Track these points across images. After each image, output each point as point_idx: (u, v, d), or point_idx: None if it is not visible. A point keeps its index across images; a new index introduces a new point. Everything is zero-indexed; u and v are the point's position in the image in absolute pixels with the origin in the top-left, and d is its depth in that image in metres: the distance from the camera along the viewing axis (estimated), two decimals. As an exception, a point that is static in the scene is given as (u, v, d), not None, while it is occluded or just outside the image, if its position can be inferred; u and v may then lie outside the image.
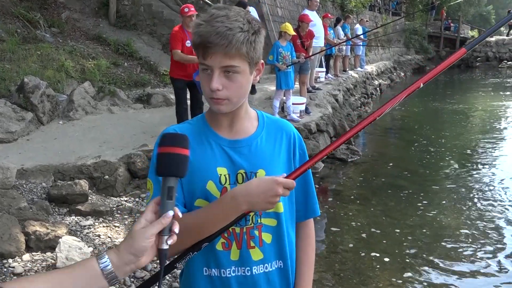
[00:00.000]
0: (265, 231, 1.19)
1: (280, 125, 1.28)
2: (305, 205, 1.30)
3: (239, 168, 1.17)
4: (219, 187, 1.15)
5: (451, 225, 4.74)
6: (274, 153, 1.22)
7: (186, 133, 1.16)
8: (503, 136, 9.03)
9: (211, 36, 1.04)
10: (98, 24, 9.56)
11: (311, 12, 8.58)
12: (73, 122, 6.08)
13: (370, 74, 15.03)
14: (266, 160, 1.20)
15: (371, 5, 20.20)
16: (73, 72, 7.10)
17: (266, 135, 1.23)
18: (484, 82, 19.17)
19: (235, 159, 1.17)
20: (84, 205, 3.98)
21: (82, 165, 4.51)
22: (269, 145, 1.22)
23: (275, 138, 1.24)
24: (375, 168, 6.82)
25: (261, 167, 1.18)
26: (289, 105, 6.79)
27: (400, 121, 10.90)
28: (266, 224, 1.19)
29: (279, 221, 1.21)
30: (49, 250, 3.26)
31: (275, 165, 1.21)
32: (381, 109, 1.12)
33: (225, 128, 1.20)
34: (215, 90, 1.08)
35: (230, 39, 1.04)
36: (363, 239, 4.41)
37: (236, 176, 1.17)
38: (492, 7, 46.22)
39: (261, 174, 1.17)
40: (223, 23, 1.05)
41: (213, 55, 1.06)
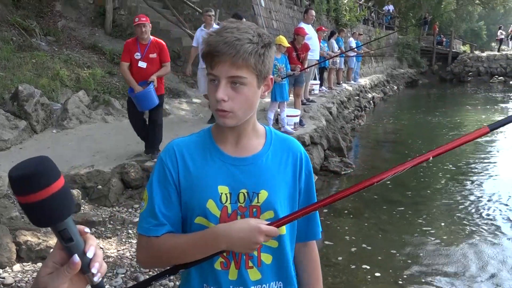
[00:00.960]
0: (265, 251, 1.18)
1: (288, 144, 1.25)
2: (306, 226, 1.28)
3: (241, 187, 1.15)
4: (219, 206, 1.13)
5: (444, 239, 4.75)
6: (279, 173, 1.20)
7: (190, 146, 1.18)
8: (497, 149, 9.12)
9: (219, 45, 1.05)
10: (94, 33, 9.57)
11: (307, 25, 8.67)
12: (67, 131, 6.05)
13: (364, 87, 15.15)
14: (270, 180, 1.17)
15: (365, 19, 20.44)
16: (68, 81, 7.08)
17: (272, 154, 1.20)
18: (476, 96, 19.39)
19: (237, 178, 1.15)
20: (76, 215, 3.94)
21: (75, 175, 4.49)
22: (275, 165, 1.20)
23: (281, 158, 1.21)
24: (368, 181, 6.83)
25: (264, 187, 1.16)
26: (283, 117, 6.82)
27: (393, 134, 10.97)
28: (266, 245, 1.17)
29: (281, 242, 1.19)
30: (40, 260, 3.22)
31: (279, 186, 1.19)
32: (383, 174, 1.10)
33: (230, 144, 1.18)
34: (220, 100, 1.07)
35: (238, 49, 1.04)
36: (355, 253, 4.40)
37: (238, 196, 1.15)
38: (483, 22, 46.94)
39: (263, 195, 1.15)
40: (233, 34, 1.05)
41: (220, 64, 1.06)
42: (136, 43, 4.90)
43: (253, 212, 1.15)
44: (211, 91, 1.10)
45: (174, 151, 1.18)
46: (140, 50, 4.87)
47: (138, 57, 4.87)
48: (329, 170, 6.95)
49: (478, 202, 5.92)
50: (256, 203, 1.15)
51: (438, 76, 26.27)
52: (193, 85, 9.16)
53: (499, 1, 31.57)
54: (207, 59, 1.08)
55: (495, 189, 6.45)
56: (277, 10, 12.06)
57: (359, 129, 11.12)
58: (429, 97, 20.06)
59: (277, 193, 1.17)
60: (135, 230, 3.96)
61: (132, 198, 4.63)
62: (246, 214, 1.15)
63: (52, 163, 0.71)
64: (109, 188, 4.49)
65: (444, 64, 26.68)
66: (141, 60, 4.85)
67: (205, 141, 1.20)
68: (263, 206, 1.16)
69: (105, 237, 3.81)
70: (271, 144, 1.22)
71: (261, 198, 1.16)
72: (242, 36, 1.05)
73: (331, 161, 7.16)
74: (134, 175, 4.70)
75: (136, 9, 10.13)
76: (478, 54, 26.70)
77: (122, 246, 3.69)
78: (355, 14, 17.41)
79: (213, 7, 9.89)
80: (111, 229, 3.98)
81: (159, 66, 4.97)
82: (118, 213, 4.28)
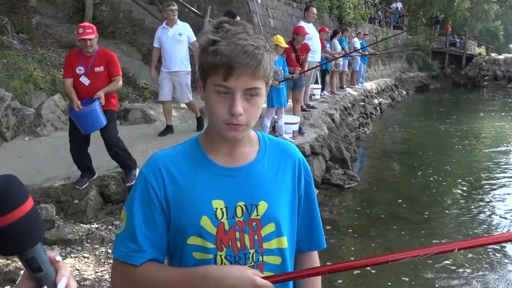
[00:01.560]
0: (268, 270, 1.17)
1: (284, 148, 1.26)
2: (310, 235, 1.29)
3: (238, 200, 1.15)
4: (215, 222, 1.13)
5: (456, 259, 4.76)
6: (277, 182, 1.20)
7: (177, 159, 1.17)
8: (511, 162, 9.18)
9: (238, 56, 1.03)
10: (72, 31, 9.58)
11: (308, 24, 8.74)
12: (40, 138, 6.03)
13: (370, 92, 15.25)
14: (268, 190, 1.18)
15: (371, 17, 20.63)
16: (43, 83, 7.08)
17: (269, 161, 1.21)
18: (492, 103, 19.57)
19: (233, 190, 1.15)
20: (50, 233, 3.93)
21: (49, 188, 4.47)
22: (272, 173, 1.20)
23: (279, 164, 1.22)
24: (374, 196, 6.87)
25: (263, 198, 1.16)
26: (280, 125, 6.84)
27: (402, 144, 11.03)
28: (269, 262, 1.18)
29: (284, 258, 1.20)
30: (8, 283, 3.20)
31: (278, 196, 1.19)
32: (401, 254, 1.11)
33: (222, 154, 1.18)
34: (238, 115, 1.06)
35: (259, 59, 1.04)
36: (361, 275, 4.40)
37: (235, 210, 1.14)
38: (500, 22, 47.51)
39: (262, 207, 1.16)
40: (247, 41, 1.04)
41: (239, 76, 1.04)
42: (79, 55, 4.54)
43: (253, 226, 1.15)
44: (220, 104, 1.08)
45: (158, 165, 1.16)
46: (83, 63, 4.51)
47: (80, 72, 4.50)
48: (331, 183, 6.97)
49: (494, 220, 5.95)
50: (256, 216, 1.15)
51: (451, 80, 26.51)
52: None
53: (517, -1, 32.01)
54: (219, 70, 1.05)
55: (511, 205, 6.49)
56: (274, 7, 12.16)
57: (364, 138, 11.18)
58: (441, 103, 20.21)
59: (278, 203, 1.18)
60: (115, 249, 3.94)
61: (112, 214, 4.61)
62: (245, 229, 1.15)
63: (19, 182, 0.70)
64: (86, 202, 4.48)
65: (457, 67, 26.93)
66: (84, 75, 4.49)
67: (193, 152, 1.19)
68: (264, 218, 1.16)
69: (82, 257, 3.79)
70: (266, 151, 1.22)
71: (260, 210, 1.16)
72: (258, 43, 1.05)
73: (333, 173, 7.18)
74: (115, 188, 4.69)
75: (119, 5, 10.19)
76: (495, 56, 27.00)
77: (100, 267, 3.67)
78: (360, 12, 17.59)
79: (204, 3, 9.98)
80: (89, 248, 3.96)
81: (107, 81, 4.59)
82: (97, 231, 4.26)
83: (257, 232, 1.16)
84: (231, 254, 1.14)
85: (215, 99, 1.09)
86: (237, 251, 1.15)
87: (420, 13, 29.70)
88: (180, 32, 6.48)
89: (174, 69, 6.45)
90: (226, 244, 1.14)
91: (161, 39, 6.49)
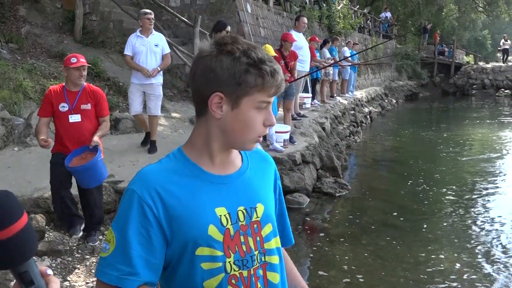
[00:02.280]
0: (270, 270, 1.23)
1: (262, 155, 1.36)
2: (282, 233, 1.37)
3: (238, 205, 1.20)
4: (221, 229, 1.16)
5: (447, 266, 4.80)
6: (265, 185, 1.30)
7: (168, 173, 1.17)
8: (500, 169, 9.28)
9: (281, 81, 1.16)
10: (61, 40, 9.58)
11: (298, 33, 8.82)
12: (30, 149, 6.00)
13: (360, 101, 15.37)
14: (261, 193, 1.27)
15: (361, 27, 20.84)
16: (32, 93, 7.05)
17: (253, 167, 1.29)
18: (481, 111, 19.79)
19: (231, 196, 1.20)
20: (40, 244, 3.90)
21: (38, 198, 4.45)
22: (258, 177, 1.29)
23: (262, 170, 1.32)
24: (365, 204, 6.91)
25: (259, 200, 1.24)
26: (272, 134, 6.87)
27: (392, 153, 11.11)
28: (271, 262, 1.24)
29: (280, 257, 1.28)
30: (-2, 295, 3.17)
31: (269, 197, 1.29)
32: None
33: (214, 164, 1.21)
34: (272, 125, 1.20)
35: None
36: (352, 284, 4.42)
37: (237, 214, 1.19)
38: (488, 31, 48.19)
39: (260, 209, 1.23)
40: (276, 65, 1.17)
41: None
42: (63, 91, 3.99)
43: (255, 228, 1.21)
44: (258, 119, 1.17)
45: (152, 182, 1.14)
46: (67, 99, 3.96)
47: (64, 109, 3.95)
48: (322, 191, 7.00)
49: (484, 227, 6.00)
50: (256, 218, 1.22)
51: (440, 88, 26.80)
52: (172, 98, 9.20)
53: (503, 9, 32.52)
54: (270, 89, 1.14)
55: (501, 212, 6.55)
56: (264, 17, 12.25)
57: (355, 146, 11.25)
58: (431, 111, 20.41)
59: (270, 205, 1.28)
60: (106, 260, 3.92)
61: (103, 224, 4.59)
62: (248, 232, 1.20)
63: (14, 199, 0.72)
64: (77, 212, 4.45)
65: (446, 76, 27.25)
66: (73, 113, 3.96)
67: (182, 164, 1.20)
68: (263, 219, 1.23)
69: (72, 267, 3.77)
70: (248, 157, 1.30)
71: (259, 212, 1.23)
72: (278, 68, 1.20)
73: (324, 181, 7.22)
74: (106, 198, 4.67)
75: (110, 15, 10.21)
76: (483, 65, 27.34)
77: (91, 278, 3.65)
78: (350, 21, 17.76)
79: (194, 13, 10.03)
80: (79, 258, 3.94)
81: (94, 121, 4.08)
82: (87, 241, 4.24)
83: (259, 233, 1.22)
84: (239, 258, 1.17)
85: (255, 115, 1.16)
86: (243, 255, 1.18)
87: (409, 22, 30.06)
88: (156, 43, 6.12)
89: (149, 81, 6.07)
90: (233, 249, 1.17)
91: (135, 49, 6.07)
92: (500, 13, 33.35)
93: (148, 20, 6.04)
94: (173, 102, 9.02)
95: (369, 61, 17.21)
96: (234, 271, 1.17)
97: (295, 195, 6.46)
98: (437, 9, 30.64)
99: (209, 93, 1.13)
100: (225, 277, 1.16)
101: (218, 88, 1.12)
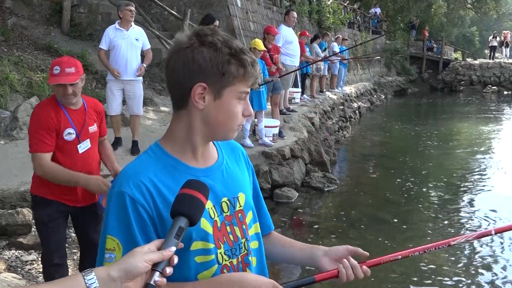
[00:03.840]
0: (254, 255, 1.28)
1: (231, 143, 1.36)
2: (265, 219, 1.43)
3: (221, 196, 1.22)
4: (210, 222, 1.18)
5: (434, 259, 4.86)
6: (242, 174, 1.33)
7: (152, 170, 1.15)
8: (487, 163, 9.40)
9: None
10: (49, 32, 9.47)
11: (288, 28, 8.80)
12: (16, 142, 5.94)
13: (349, 96, 15.43)
14: (240, 182, 1.29)
15: (350, 22, 20.89)
16: (19, 86, 6.97)
17: (228, 157, 1.31)
18: (468, 107, 19.99)
19: (214, 188, 1.20)
20: (26, 237, 3.88)
21: (25, 191, 4.40)
22: (235, 167, 1.31)
23: (235, 158, 1.34)
24: (354, 198, 6.95)
25: (240, 190, 1.27)
26: (261, 128, 6.87)
27: (380, 147, 11.19)
28: (252, 248, 1.27)
29: (260, 242, 1.31)
30: None
31: (247, 186, 1.32)
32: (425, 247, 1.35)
33: (194, 158, 1.21)
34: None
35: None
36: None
37: (221, 206, 1.21)
38: (476, 28, 48.61)
39: (242, 198, 1.25)
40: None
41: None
42: (63, 111, 2.77)
43: (239, 218, 1.24)
44: (239, 109, 1.18)
45: (141, 181, 1.12)
46: (73, 123, 2.79)
47: (71, 138, 2.78)
48: (311, 186, 7.03)
49: (470, 220, 6.08)
50: (239, 207, 1.25)
51: (429, 84, 27.01)
52: (161, 91, 9.15)
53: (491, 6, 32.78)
54: (250, 79, 1.16)
55: (488, 205, 6.64)
56: (254, 11, 12.22)
57: (344, 141, 11.30)
58: (419, 107, 20.57)
59: (249, 192, 1.31)
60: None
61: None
62: (234, 221, 1.22)
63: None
64: (64, 206, 4.42)
65: (434, 72, 27.45)
66: (81, 140, 2.82)
67: (163, 159, 1.18)
68: (245, 208, 1.26)
69: (60, 262, 3.74)
70: (220, 147, 1.32)
71: (241, 201, 1.26)
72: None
73: (313, 176, 7.25)
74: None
75: (98, 7, 10.11)
76: (471, 61, 27.58)
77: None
78: (340, 17, 17.79)
79: (184, 6, 9.97)
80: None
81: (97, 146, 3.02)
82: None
83: (244, 221, 1.25)
84: (228, 248, 1.20)
85: (237, 105, 1.17)
86: (232, 244, 1.21)
87: (398, 18, 30.19)
88: (137, 37, 5.77)
89: (129, 77, 5.70)
90: (222, 240, 1.19)
91: (113, 42, 5.67)
92: (488, 10, 33.59)
93: (129, 12, 5.68)
94: (162, 96, 8.97)
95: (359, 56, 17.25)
96: (225, 261, 1.19)
97: (284, 189, 6.47)
98: (426, 6, 30.81)
99: (192, 84, 1.12)
100: (218, 268, 1.18)
101: (202, 79, 1.12)
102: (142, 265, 0.90)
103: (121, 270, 0.89)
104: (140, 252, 0.92)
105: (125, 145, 6.08)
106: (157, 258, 0.92)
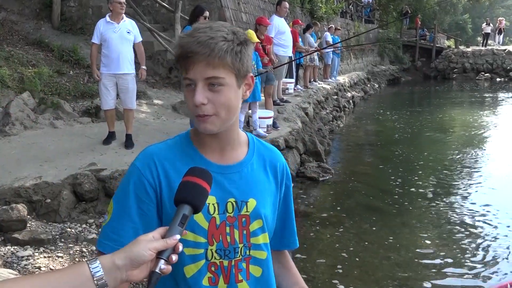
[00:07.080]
0: (254, 263, 1.24)
1: (270, 153, 1.33)
2: (281, 235, 1.38)
3: (229, 196, 1.20)
4: (207, 217, 1.17)
5: (429, 247, 4.90)
6: (264, 183, 1.28)
7: (170, 154, 1.19)
8: (482, 151, 9.45)
9: (192, 46, 1.08)
10: (39, 27, 9.39)
11: (280, 18, 8.77)
12: (9, 138, 5.91)
13: (343, 86, 15.44)
14: (257, 189, 1.25)
15: (343, 11, 20.83)
16: (10, 81, 6.92)
17: (257, 162, 1.28)
18: (461, 94, 20.06)
19: (225, 187, 1.20)
20: (22, 233, 3.87)
21: (19, 187, 4.40)
22: (259, 173, 1.27)
23: (265, 166, 1.30)
24: (349, 188, 6.98)
25: (252, 196, 1.23)
26: (255, 119, 6.87)
27: (374, 137, 11.22)
28: (255, 256, 1.24)
29: (268, 253, 1.28)
30: None
31: (265, 195, 1.27)
32: None
33: (213, 152, 1.22)
34: (200, 104, 1.10)
35: (212, 47, 1.08)
36: (335, 266, 4.49)
37: (226, 205, 1.20)
38: (468, 15, 48.59)
39: (251, 204, 1.22)
40: (205, 33, 1.09)
41: (195, 65, 1.09)
42: None
43: (242, 222, 1.21)
44: (188, 97, 1.13)
45: (153, 160, 1.18)
46: None
47: None
48: (306, 176, 7.05)
49: (465, 207, 6.13)
50: (245, 212, 1.22)
51: (422, 73, 27.08)
52: (154, 84, 9.12)
53: (483, -7, 32.81)
54: (181, 62, 1.11)
55: (482, 194, 6.70)
56: (246, 2, 12.16)
57: (338, 131, 11.32)
58: (413, 95, 20.62)
59: (265, 202, 1.26)
60: (90, 247, 3.92)
61: (86, 212, 4.57)
62: (235, 224, 1.20)
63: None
64: (59, 201, 4.42)
65: (427, 60, 27.51)
66: None
67: (185, 147, 1.22)
68: (252, 214, 1.22)
69: (56, 256, 3.74)
70: (255, 151, 1.29)
71: (250, 207, 1.22)
72: (216, 34, 1.09)
73: (307, 166, 7.27)
74: (88, 186, 4.64)
75: (88, 1, 10.03)
76: (463, 49, 27.65)
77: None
78: (332, 6, 17.74)
79: (175, -2, 9.88)
80: (63, 247, 3.92)
81: None
82: (71, 230, 4.22)
83: (246, 227, 1.22)
84: (221, 248, 1.19)
85: (186, 93, 1.15)
86: (227, 245, 1.19)
87: (391, 6, 30.14)
88: (129, 29, 5.71)
89: (121, 71, 5.68)
90: (217, 238, 1.18)
91: (104, 36, 5.61)
92: (481, -3, 33.61)
93: (119, 5, 5.60)
94: (155, 89, 8.95)
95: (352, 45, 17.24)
96: (215, 259, 1.19)
97: (279, 180, 6.48)
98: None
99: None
100: (205, 264, 1.18)
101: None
102: (147, 253, 0.92)
103: (126, 258, 0.91)
104: (145, 241, 0.93)
105: (119, 138, 6.06)
106: (161, 246, 0.93)
